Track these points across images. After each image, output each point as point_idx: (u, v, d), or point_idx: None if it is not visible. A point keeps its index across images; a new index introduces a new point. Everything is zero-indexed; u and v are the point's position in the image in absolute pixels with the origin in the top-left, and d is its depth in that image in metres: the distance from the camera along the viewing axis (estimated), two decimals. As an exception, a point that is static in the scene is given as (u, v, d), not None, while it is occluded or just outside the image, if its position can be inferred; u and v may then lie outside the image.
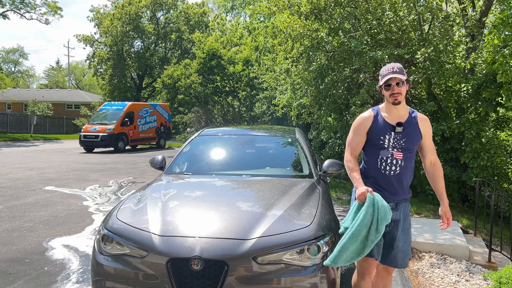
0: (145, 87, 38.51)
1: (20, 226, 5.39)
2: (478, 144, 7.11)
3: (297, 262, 2.53)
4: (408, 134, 2.60)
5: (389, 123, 2.62)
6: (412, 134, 2.60)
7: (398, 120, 2.60)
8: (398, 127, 2.59)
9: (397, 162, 2.59)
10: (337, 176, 10.77)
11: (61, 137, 29.59)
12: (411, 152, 2.63)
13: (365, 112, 2.76)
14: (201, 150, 4.51)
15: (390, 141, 2.60)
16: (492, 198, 4.88)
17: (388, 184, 2.62)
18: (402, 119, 2.61)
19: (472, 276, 4.07)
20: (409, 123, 2.62)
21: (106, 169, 11.41)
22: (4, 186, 8.20)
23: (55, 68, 65.51)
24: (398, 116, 2.62)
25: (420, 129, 2.62)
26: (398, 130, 2.58)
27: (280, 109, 14.20)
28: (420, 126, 2.63)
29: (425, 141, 2.67)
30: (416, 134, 2.62)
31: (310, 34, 8.25)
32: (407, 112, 2.66)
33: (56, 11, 30.22)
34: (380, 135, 2.62)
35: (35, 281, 3.64)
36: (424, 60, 7.42)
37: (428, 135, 2.67)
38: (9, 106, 39.41)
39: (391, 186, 2.62)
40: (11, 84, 33.19)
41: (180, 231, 2.63)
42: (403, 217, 2.65)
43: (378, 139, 2.62)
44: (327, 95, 9.02)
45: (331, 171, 3.86)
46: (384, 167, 2.61)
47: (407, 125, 2.61)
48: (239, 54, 22.87)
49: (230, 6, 24.08)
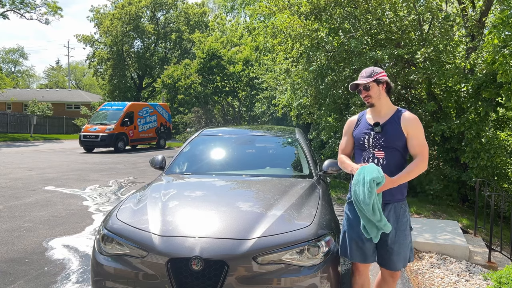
0: (145, 87, 38.51)
1: (20, 226, 5.39)
2: (478, 144, 7.11)
3: (297, 262, 2.53)
4: (387, 133, 2.61)
5: (369, 123, 2.69)
6: (391, 133, 2.60)
7: (381, 120, 2.65)
8: (376, 127, 2.63)
9: (378, 162, 2.61)
10: (337, 176, 10.78)
11: (61, 137, 29.60)
12: (394, 151, 2.61)
13: (354, 116, 2.88)
14: (201, 150, 4.51)
15: (370, 141, 2.65)
16: (492, 198, 4.88)
17: None
18: (382, 119, 2.65)
19: (472, 276, 4.07)
20: (390, 122, 2.63)
21: (106, 169, 11.41)
22: (4, 186, 8.20)
23: (55, 68, 65.53)
24: (379, 115, 2.67)
25: (401, 128, 2.60)
26: (377, 130, 2.62)
27: (280, 109, 14.20)
28: (402, 125, 2.60)
29: (411, 141, 2.60)
30: (396, 132, 2.60)
31: (310, 34, 8.25)
32: (391, 111, 2.68)
33: (56, 11, 30.23)
34: (361, 136, 2.70)
35: (35, 281, 3.64)
36: (424, 60, 7.42)
37: (415, 135, 2.59)
38: (9, 106, 39.42)
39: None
40: (11, 84, 33.18)
41: (180, 231, 2.63)
42: (394, 218, 2.59)
43: (359, 140, 2.71)
44: (327, 95, 9.03)
45: (331, 171, 3.86)
46: None
47: (387, 124, 2.63)
48: (239, 54, 22.88)
49: (230, 6, 24.08)
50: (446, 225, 5.71)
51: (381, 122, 2.64)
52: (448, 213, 7.24)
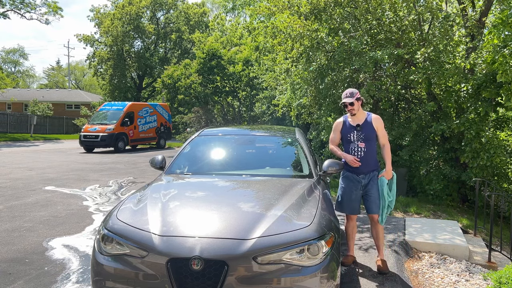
0: (145, 87, 38.49)
1: (20, 226, 5.39)
2: (478, 144, 7.11)
3: (297, 262, 2.53)
4: (365, 130, 4.01)
5: (352, 125, 4.06)
6: (367, 130, 4.01)
7: (357, 123, 4.03)
8: (358, 127, 4.02)
9: (361, 149, 4.02)
10: (337, 176, 10.73)
11: (61, 137, 29.60)
12: (370, 141, 4.01)
13: (339, 118, 4.25)
14: (201, 150, 4.51)
15: (354, 136, 4.04)
16: (492, 198, 4.88)
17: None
18: (360, 122, 4.03)
19: (472, 276, 4.07)
20: (366, 123, 4.03)
21: (106, 169, 11.41)
22: (4, 186, 8.20)
23: (55, 68, 65.48)
24: (358, 120, 4.05)
25: (373, 125, 4.01)
26: (358, 129, 4.02)
27: (280, 109, 14.19)
28: (373, 123, 4.02)
29: (378, 132, 4.05)
30: (371, 129, 4.01)
31: (310, 34, 8.25)
32: (364, 116, 4.07)
33: (56, 11, 30.20)
34: (347, 134, 4.08)
35: (35, 281, 3.64)
36: (424, 60, 7.42)
37: (380, 127, 4.05)
38: (9, 106, 39.41)
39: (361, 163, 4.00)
40: (11, 84, 33.13)
41: (180, 231, 2.64)
42: (370, 180, 4.02)
43: (347, 136, 4.09)
44: (327, 95, 9.02)
45: (331, 171, 3.87)
46: (354, 154, 4.03)
47: (364, 125, 4.01)
48: (239, 54, 22.85)
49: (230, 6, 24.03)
50: (446, 225, 5.71)
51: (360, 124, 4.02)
52: (448, 213, 7.24)
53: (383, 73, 8.73)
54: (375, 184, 4.03)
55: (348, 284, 3.72)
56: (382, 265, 3.99)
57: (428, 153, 8.72)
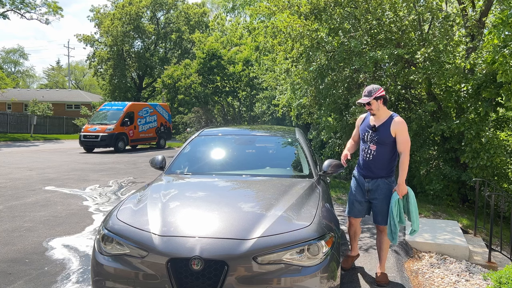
0: (145, 87, 38.49)
1: (20, 226, 5.39)
2: (478, 144, 7.11)
3: (297, 262, 2.53)
4: (380, 133, 3.63)
5: (370, 124, 3.72)
6: (383, 133, 3.62)
7: (374, 124, 3.68)
8: (373, 129, 3.67)
9: (371, 152, 3.69)
10: (337, 176, 10.77)
11: (61, 137, 29.60)
12: (384, 146, 3.63)
13: (363, 114, 3.94)
14: (201, 150, 4.51)
15: (368, 137, 3.72)
16: (492, 198, 4.88)
17: (366, 165, 3.76)
18: (379, 123, 3.66)
19: (472, 276, 4.07)
20: (383, 126, 3.63)
21: (106, 169, 11.41)
22: (4, 186, 8.20)
23: (55, 68, 65.47)
24: (378, 120, 3.69)
25: (390, 130, 3.59)
26: (373, 130, 3.67)
27: (280, 109, 14.19)
28: (391, 127, 3.59)
29: (397, 138, 3.60)
30: (386, 133, 3.61)
31: (310, 34, 8.24)
32: (386, 117, 3.66)
33: (56, 11, 30.20)
34: (363, 132, 3.79)
35: (35, 281, 3.64)
36: (424, 60, 7.42)
37: (400, 133, 3.59)
38: (9, 106, 39.41)
39: (368, 167, 3.74)
40: (12, 84, 33.10)
41: (180, 231, 2.63)
42: (374, 188, 3.69)
43: (362, 134, 3.81)
44: (327, 95, 9.02)
45: (331, 171, 3.87)
46: (364, 154, 3.77)
47: (381, 127, 3.64)
48: (239, 54, 22.85)
49: (230, 6, 24.01)
50: (446, 225, 5.71)
51: (377, 125, 3.65)
52: (448, 213, 7.24)
53: (383, 73, 8.73)
54: (382, 193, 3.67)
55: (348, 284, 3.72)
56: (381, 278, 3.74)
57: (428, 153, 8.72)
